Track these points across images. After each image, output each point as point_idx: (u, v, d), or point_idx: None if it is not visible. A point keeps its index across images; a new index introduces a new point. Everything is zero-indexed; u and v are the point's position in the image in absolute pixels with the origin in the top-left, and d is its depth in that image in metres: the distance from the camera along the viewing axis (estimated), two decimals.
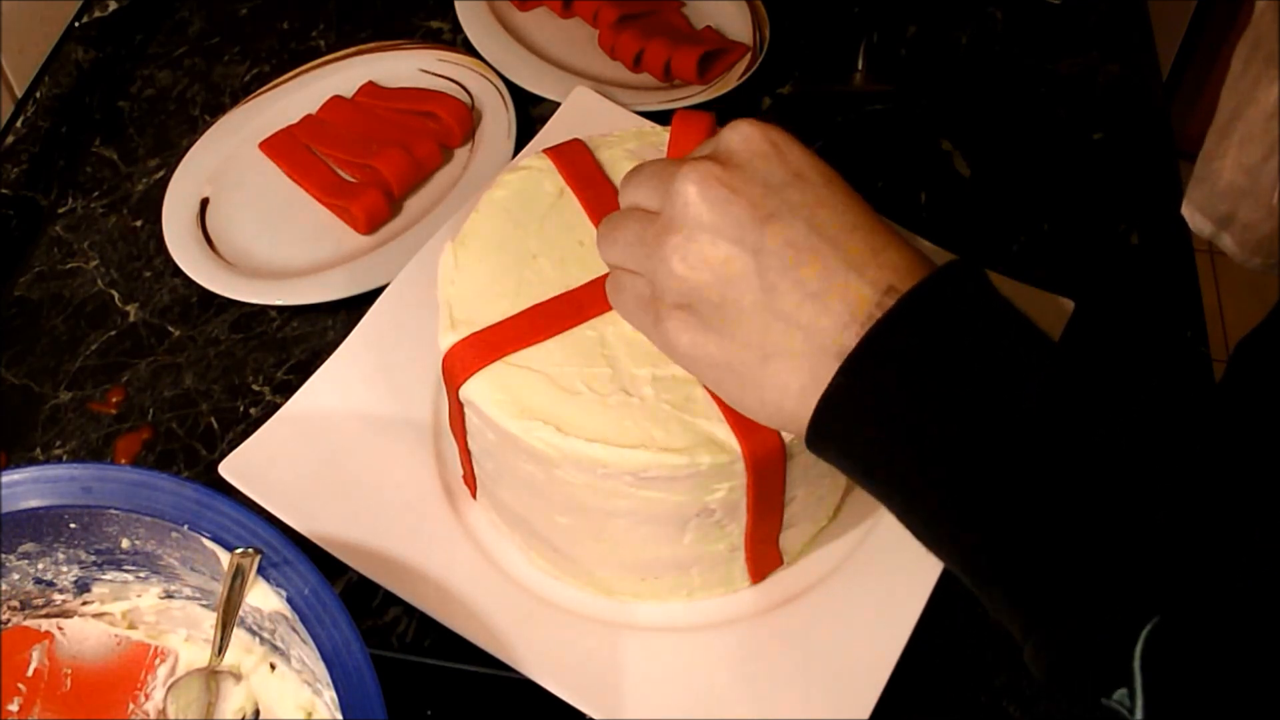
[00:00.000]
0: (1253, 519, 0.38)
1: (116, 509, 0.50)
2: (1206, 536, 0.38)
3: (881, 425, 0.41)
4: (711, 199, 0.44)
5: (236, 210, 0.79)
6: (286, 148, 0.82)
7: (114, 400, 0.71)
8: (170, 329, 0.74)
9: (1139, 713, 0.37)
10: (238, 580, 0.50)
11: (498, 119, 0.83)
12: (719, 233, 0.44)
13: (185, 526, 0.50)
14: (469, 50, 0.88)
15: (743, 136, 0.46)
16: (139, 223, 0.80)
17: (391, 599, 0.61)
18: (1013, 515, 0.40)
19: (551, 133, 0.76)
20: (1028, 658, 0.41)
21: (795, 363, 0.43)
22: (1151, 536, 0.38)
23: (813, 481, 0.57)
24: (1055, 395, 0.40)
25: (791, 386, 0.44)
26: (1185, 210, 0.71)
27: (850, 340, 0.42)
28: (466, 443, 0.59)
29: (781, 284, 0.43)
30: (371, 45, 0.88)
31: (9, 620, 0.55)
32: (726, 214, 0.44)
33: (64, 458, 0.69)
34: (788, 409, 0.44)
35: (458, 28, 0.90)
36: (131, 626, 0.56)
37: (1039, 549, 0.39)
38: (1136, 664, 0.37)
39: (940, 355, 0.40)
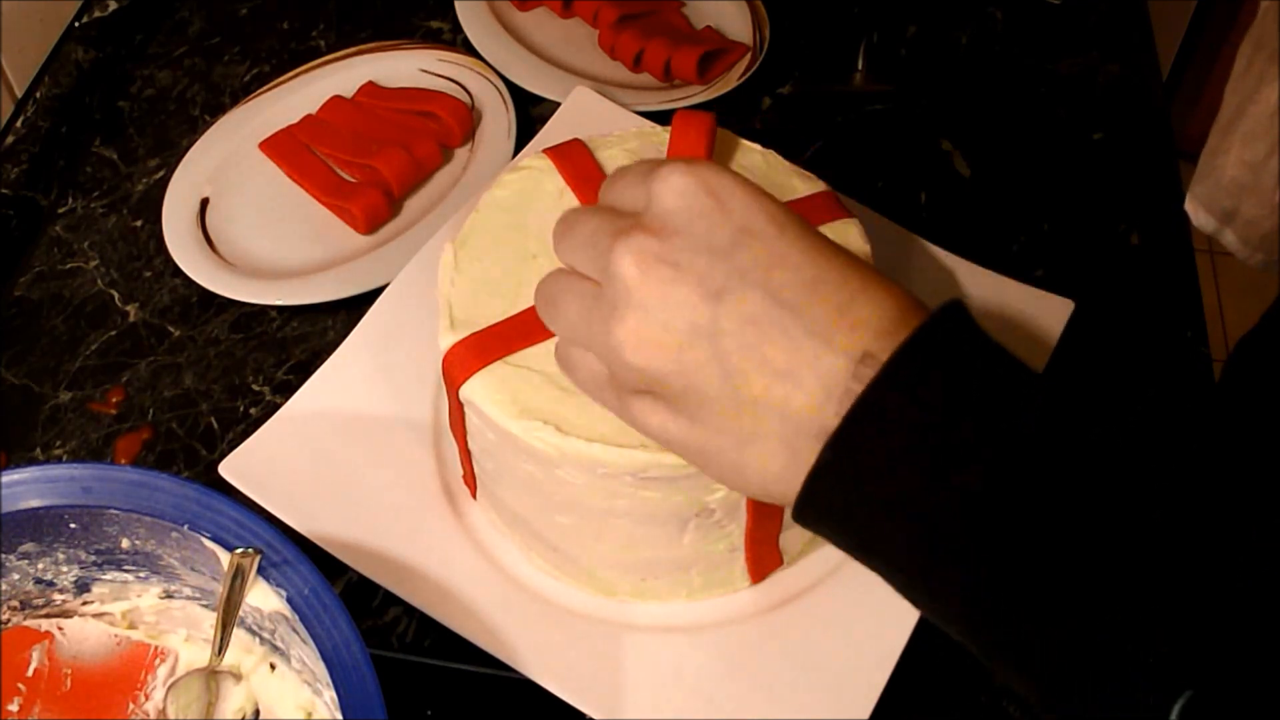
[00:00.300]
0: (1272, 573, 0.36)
1: (116, 509, 0.50)
2: (1235, 605, 0.36)
3: (871, 505, 0.39)
4: (654, 280, 0.40)
5: (236, 210, 0.79)
6: (286, 148, 0.82)
7: (114, 400, 0.71)
8: (170, 329, 0.74)
9: None
10: (238, 580, 0.50)
11: (498, 119, 0.83)
12: (669, 319, 0.40)
13: (185, 526, 0.50)
14: (469, 50, 0.88)
15: (677, 193, 0.41)
16: (139, 223, 0.80)
17: (391, 599, 0.61)
18: (1019, 590, 0.37)
19: (551, 133, 0.76)
20: None
21: (773, 445, 0.40)
22: (1178, 607, 0.36)
23: None
24: (1054, 458, 0.37)
25: (772, 469, 0.41)
26: (1188, 206, 0.71)
27: (829, 419, 0.38)
28: (466, 443, 0.59)
29: (745, 366, 0.39)
30: (371, 45, 0.88)
31: (9, 620, 0.55)
32: (672, 298, 0.40)
33: (64, 458, 0.69)
34: (773, 490, 0.41)
35: (458, 28, 0.90)
36: (131, 626, 0.56)
37: (1052, 624, 0.37)
38: None
39: (925, 428, 0.37)
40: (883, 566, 0.40)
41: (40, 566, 0.53)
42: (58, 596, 0.55)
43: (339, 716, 0.46)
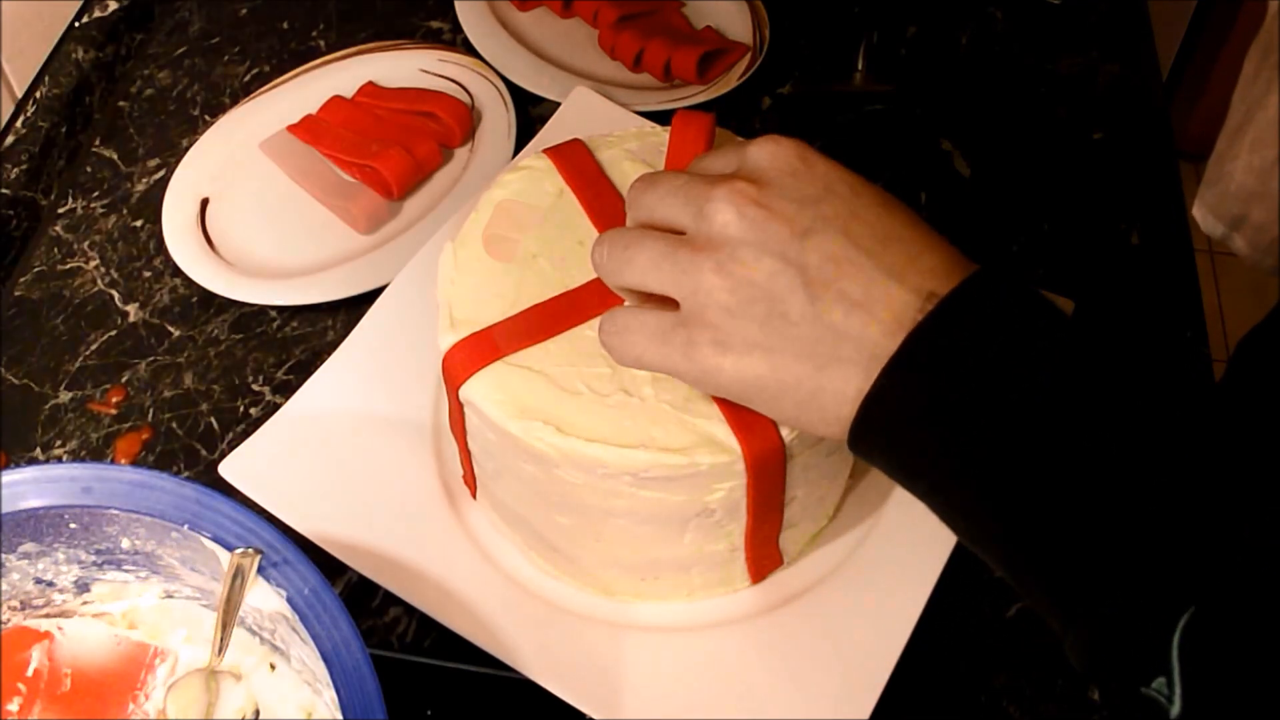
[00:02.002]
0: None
1: (116, 509, 0.50)
2: (1241, 526, 0.39)
3: (918, 426, 0.43)
4: (750, 218, 0.45)
5: (236, 210, 0.79)
6: (286, 148, 0.82)
7: (114, 400, 0.71)
8: (170, 329, 0.74)
9: (1178, 701, 0.37)
10: (238, 580, 0.50)
11: (498, 119, 0.83)
12: (762, 249, 0.44)
13: (185, 526, 0.50)
14: (469, 50, 0.88)
15: (769, 154, 0.46)
16: (139, 223, 0.80)
17: (391, 599, 0.61)
18: (1048, 511, 0.41)
19: (551, 133, 0.76)
20: (1067, 648, 0.42)
21: (849, 369, 0.44)
22: (1187, 528, 0.39)
23: (813, 482, 0.57)
24: (1089, 395, 0.41)
25: (849, 393, 0.44)
26: (1196, 212, 0.71)
27: (898, 346, 0.43)
28: (466, 443, 0.59)
29: (827, 295, 0.44)
30: (371, 45, 0.88)
31: (9, 620, 0.55)
32: (766, 231, 0.44)
33: (64, 458, 0.69)
34: (843, 412, 0.45)
35: (458, 28, 0.90)
36: (131, 626, 0.56)
37: (1075, 543, 0.40)
38: (1174, 653, 0.37)
39: (975, 358, 0.41)
40: (924, 489, 0.44)
41: (40, 566, 0.53)
42: (58, 596, 0.55)
43: (339, 716, 0.46)
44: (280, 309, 0.75)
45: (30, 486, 0.51)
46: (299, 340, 0.74)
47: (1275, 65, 0.66)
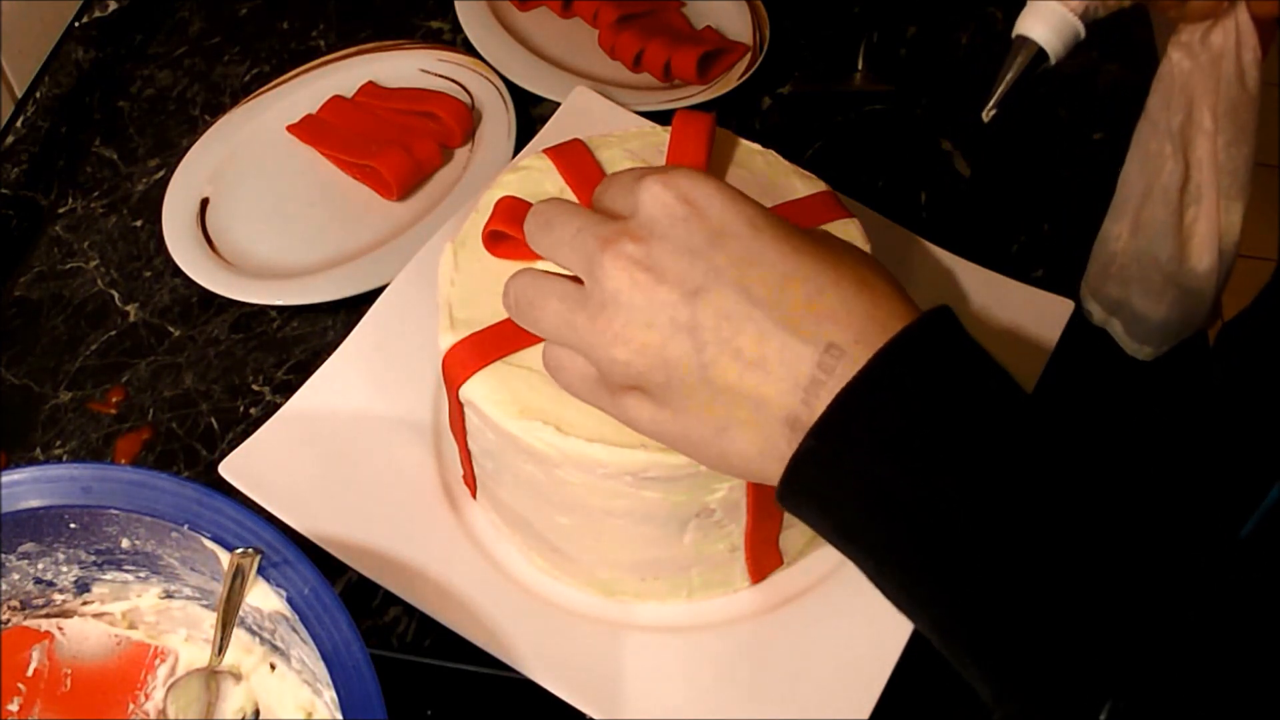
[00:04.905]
0: (1213, 603, 0.39)
1: (116, 509, 0.50)
2: (1166, 620, 0.38)
3: (847, 494, 0.41)
4: (637, 283, 0.43)
5: (237, 210, 0.79)
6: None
7: (114, 400, 0.71)
8: (170, 329, 0.74)
9: None
10: (238, 580, 0.50)
11: (498, 119, 0.83)
12: (651, 317, 0.43)
13: (185, 526, 0.50)
14: (469, 50, 0.88)
15: (655, 199, 0.44)
16: (139, 223, 0.80)
17: (391, 599, 0.61)
18: (978, 587, 0.40)
19: (551, 133, 0.76)
20: None
21: (748, 431, 0.43)
22: (1114, 616, 0.38)
23: None
24: (1016, 462, 0.40)
25: (750, 453, 0.44)
26: (1083, 293, 0.71)
27: (795, 406, 0.41)
28: (466, 443, 0.59)
29: (721, 358, 0.43)
30: (371, 45, 0.88)
31: (9, 620, 0.55)
32: (654, 298, 0.43)
33: (64, 458, 0.69)
34: (754, 470, 0.44)
35: (458, 28, 0.90)
36: (131, 626, 0.56)
37: (1004, 620, 0.40)
38: None
39: (904, 428, 0.40)
40: (856, 553, 0.43)
41: (40, 566, 0.53)
42: (58, 596, 0.55)
43: (339, 716, 0.46)
44: (280, 309, 0.75)
45: (30, 486, 0.51)
46: (299, 340, 0.74)
47: (1159, 141, 0.65)
